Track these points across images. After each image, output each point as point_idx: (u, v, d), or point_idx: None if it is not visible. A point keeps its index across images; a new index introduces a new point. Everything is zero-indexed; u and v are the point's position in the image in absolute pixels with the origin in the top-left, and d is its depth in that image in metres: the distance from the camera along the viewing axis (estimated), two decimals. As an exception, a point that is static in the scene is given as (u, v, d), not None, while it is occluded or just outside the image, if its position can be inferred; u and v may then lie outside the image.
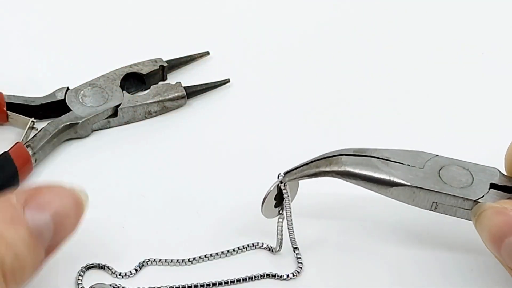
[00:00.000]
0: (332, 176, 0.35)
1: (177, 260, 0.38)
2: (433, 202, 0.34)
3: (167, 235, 0.39)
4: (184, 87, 0.46)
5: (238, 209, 0.40)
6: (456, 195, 0.34)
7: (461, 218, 0.35)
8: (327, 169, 0.35)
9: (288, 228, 0.37)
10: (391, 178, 0.34)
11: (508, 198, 0.34)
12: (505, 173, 0.35)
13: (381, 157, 0.35)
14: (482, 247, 0.33)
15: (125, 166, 0.43)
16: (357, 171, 0.35)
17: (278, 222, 0.38)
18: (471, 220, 0.34)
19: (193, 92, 0.46)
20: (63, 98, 0.44)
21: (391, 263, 0.38)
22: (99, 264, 0.37)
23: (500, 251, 0.32)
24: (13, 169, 0.39)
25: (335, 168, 0.35)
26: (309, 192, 0.38)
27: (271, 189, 0.36)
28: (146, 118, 0.45)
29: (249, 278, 0.37)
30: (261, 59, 0.51)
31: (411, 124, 0.46)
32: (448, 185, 0.34)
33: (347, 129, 0.46)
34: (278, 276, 0.37)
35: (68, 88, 0.44)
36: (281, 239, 0.38)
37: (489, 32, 0.53)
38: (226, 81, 0.47)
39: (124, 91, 0.45)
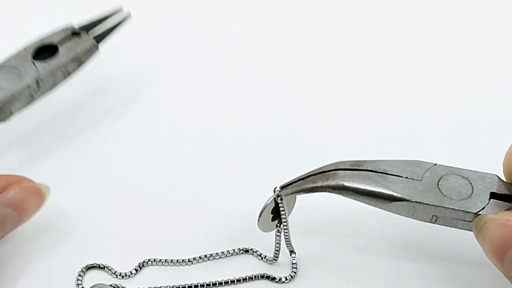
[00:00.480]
0: (329, 192, 0.35)
1: (177, 260, 0.38)
2: (433, 215, 0.34)
3: (167, 236, 0.39)
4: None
5: (238, 211, 0.40)
6: (457, 208, 0.33)
7: (462, 229, 0.34)
8: (324, 184, 0.35)
9: (286, 242, 0.37)
10: (390, 193, 0.34)
11: (508, 209, 0.33)
12: (504, 179, 0.35)
13: (378, 171, 0.34)
14: (482, 258, 0.33)
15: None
16: (354, 186, 0.34)
17: (275, 236, 0.37)
18: (471, 231, 0.34)
19: (99, 35, 0.45)
20: None
21: (389, 274, 0.38)
22: (99, 264, 0.38)
23: (503, 264, 0.31)
24: None
25: (332, 184, 0.34)
26: (306, 204, 0.37)
27: (268, 203, 0.36)
28: (65, 78, 0.43)
29: (243, 279, 0.37)
30: (257, 61, 0.51)
31: (408, 127, 0.46)
32: (448, 197, 0.34)
33: (343, 137, 0.45)
34: (273, 278, 0.37)
35: None
36: (278, 251, 0.38)
37: (489, 32, 0.53)
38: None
39: (37, 64, 0.42)
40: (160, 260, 0.38)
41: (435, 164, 0.35)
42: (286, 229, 0.37)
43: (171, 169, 0.43)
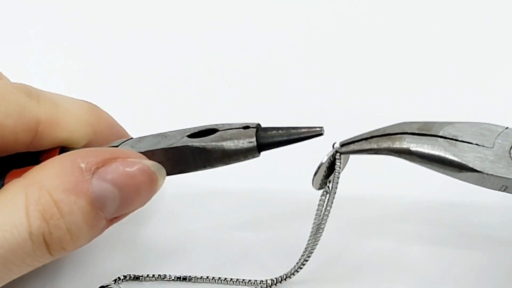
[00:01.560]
0: (394, 155, 0.33)
1: (175, 276, 0.37)
2: (503, 185, 0.32)
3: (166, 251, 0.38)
4: (257, 133, 0.33)
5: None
6: None
7: None
8: (390, 147, 0.33)
9: (327, 206, 0.35)
10: (462, 163, 0.32)
11: None
12: None
13: (448, 137, 0.33)
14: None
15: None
16: (424, 152, 0.32)
17: (320, 197, 0.35)
18: None
19: (268, 143, 0.33)
20: (117, 145, 0.36)
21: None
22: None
23: None
24: None
25: (399, 148, 0.33)
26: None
27: (326, 159, 0.34)
28: (205, 167, 0.34)
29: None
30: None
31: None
32: None
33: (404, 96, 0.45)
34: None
35: (131, 138, 0.36)
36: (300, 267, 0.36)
37: (489, 32, 0.51)
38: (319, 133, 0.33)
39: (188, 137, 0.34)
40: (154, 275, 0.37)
41: (507, 128, 0.33)
42: (334, 190, 0.35)
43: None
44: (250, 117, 0.36)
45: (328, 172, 0.35)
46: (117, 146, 0.35)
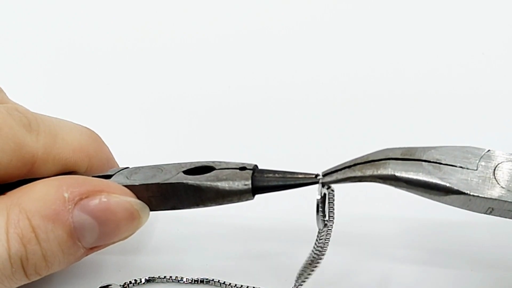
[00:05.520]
0: (379, 182, 0.33)
1: (181, 278, 0.37)
2: (488, 207, 0.32)
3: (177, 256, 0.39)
4: (253, 176, 0.33)
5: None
6: None
7: None
8: (374, 174, 0.32)
9: (325, 242, 0.34)
10: (447, 186, 0.32)
11: None
12: None
13: (431, 160, 0.33)
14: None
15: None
16: (408, 177, 0.32)
17: (319, 234, 0.34)
18: None
19: (264, 186, 0.33)
20: (112, 173, 0.35)
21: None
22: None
23: None
24: None
25: (384, 174, 0.32)
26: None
27: (321, 195, 0.33)
28: (197, 205, 0.34)
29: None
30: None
31: (407, 127, 0.45)
32: (506, 189, 0.32)
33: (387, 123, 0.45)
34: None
35: (127, 167, 0.35)
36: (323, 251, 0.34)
37: (489, 32, 0.53)
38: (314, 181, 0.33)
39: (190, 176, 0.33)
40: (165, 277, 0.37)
41: (489, 150, 0.34)
42: (331, 223, 0.34)
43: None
44: (239, 144, 0.35)
45: (322, 205, 0.34)
46: (112, 175, 0.34)
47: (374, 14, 0.55)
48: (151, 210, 0.33)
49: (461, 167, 0.33)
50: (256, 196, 0.33)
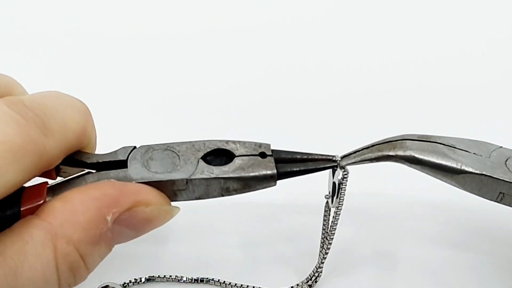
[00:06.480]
0: (395, 161, 0.34)
1: (181, 278, 0.38)
2: (500, 193, 0.33)
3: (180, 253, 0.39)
4: (276, 162, 0.34)
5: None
6: None
7: None
8: (391, 153, 0.34)
9: (333, 223, 0.35)
10: (459, 165, 0.33)
11: None
12: None
13: (446, 144, 0.34)
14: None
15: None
16: (423, 157, 0.33)
17: (325, 212, 0.36)
18: None
19: (287, 172, 0.34)
20: (125, 158, 0.34)
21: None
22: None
23: None
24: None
25: (400, 153, 0.34)
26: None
27: (336, 176, 0.34)
28: (222, 195, 0.34)
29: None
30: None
31: (406, 125, 0.45)
32: None
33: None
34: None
35: (134, 147, 0.35)
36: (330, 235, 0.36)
37: (489, 32, 0.53)
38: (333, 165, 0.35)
39: (200, 163, 0.34)
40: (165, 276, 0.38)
41: (501, 147, 0.35)
42: (341, 206, 0.35)
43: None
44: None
45: (332, 188, 0.35)
46: (125, 161, 0.34)
47: (372, 13, 0.56)
48: (175, 201, 0.34)
49: (474, 153, 0.34)
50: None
